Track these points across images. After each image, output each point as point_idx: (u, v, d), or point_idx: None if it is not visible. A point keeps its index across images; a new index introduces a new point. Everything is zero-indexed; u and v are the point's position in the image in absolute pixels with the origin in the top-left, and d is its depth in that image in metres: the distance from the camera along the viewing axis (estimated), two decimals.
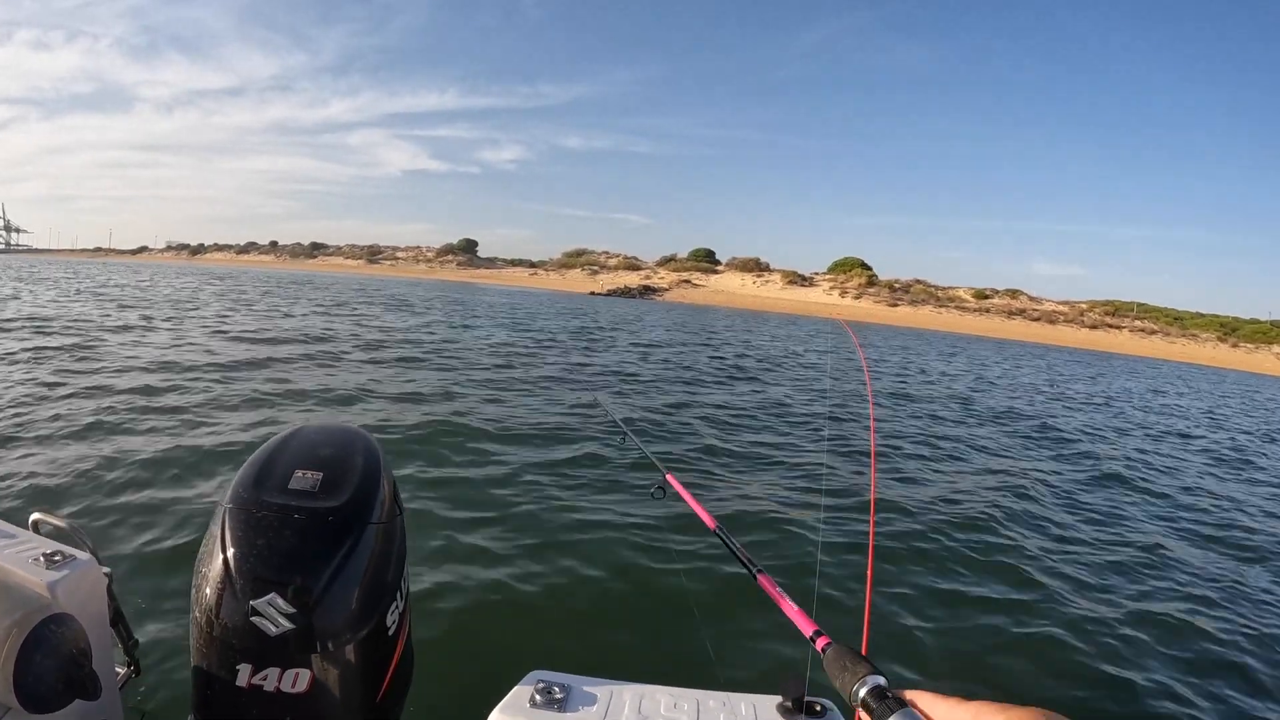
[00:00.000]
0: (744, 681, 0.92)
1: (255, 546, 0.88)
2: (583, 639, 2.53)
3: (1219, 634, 3.08)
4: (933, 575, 3.33)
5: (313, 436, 1.05)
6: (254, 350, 8.45)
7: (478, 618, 2.53)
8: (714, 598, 2.79)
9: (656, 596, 2.84)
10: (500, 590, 2.76)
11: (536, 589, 2.82)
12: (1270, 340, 45.56)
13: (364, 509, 0.94)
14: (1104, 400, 13.26)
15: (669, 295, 53.36)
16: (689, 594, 2.78)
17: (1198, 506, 5.46)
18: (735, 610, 2.62)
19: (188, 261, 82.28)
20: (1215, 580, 3.76)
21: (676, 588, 2.84)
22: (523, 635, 2.50)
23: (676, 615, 2.67)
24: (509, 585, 2.81)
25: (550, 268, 73.54)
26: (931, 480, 5.21)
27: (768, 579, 1.00)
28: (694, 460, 5.05)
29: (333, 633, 0.89)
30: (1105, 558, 3.92)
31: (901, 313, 50.69)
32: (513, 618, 2.60)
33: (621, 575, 2.99)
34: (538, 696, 0.81)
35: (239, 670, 0.87)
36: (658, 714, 0.82)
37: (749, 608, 2.58)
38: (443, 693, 1.78)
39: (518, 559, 3.05)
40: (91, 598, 1.06)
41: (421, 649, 1.10)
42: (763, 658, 2.37)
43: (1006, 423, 8.46)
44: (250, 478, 0.94)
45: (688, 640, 2.50)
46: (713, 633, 2.53)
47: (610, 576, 2.98)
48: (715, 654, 2.23)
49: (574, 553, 3.15)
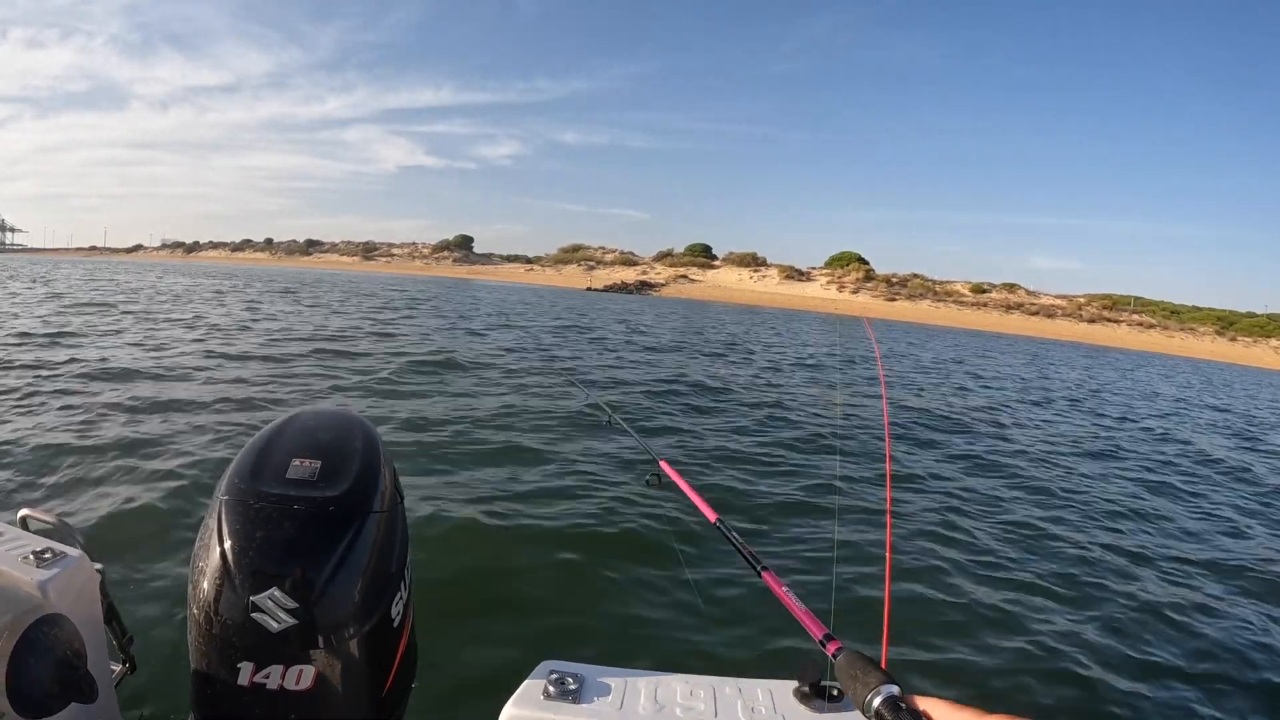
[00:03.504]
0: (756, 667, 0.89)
1: (254, 539, 0.85)
2: (594, 626, 2.51)
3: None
4: (954, 579, 3.28)
5: (309, 423, 1.02)
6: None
7: (485, 607, 2.52)
8: (721, 584, 2.76)
9: (665, 582, 2.82)
10: (504, 579, 2.75)
11: (544, 577, 2.80)
12: (1268, 334, 45.66)
13: (365, 498, 0.92)
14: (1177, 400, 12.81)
15: (666, 291, 53.38)
16: (695, 581, 2.76)
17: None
18: (742, 601, 2.60)
19: (183, 260, 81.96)
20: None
21: (681, 571, 2.83)
22: (531, 624, 2.48)
23: (687, 601, 2.65)
24: (513, 573, 2.80)
25: (546, 263, 73.45)
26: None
27: (773, 576, 0.96)
28: (707, 461, 5.02)
29: (336, 627, 0.86)
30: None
31: (900, 307, 50.73)
32: (518, 605, 2.58)
33: (629, 561, 2.98)
34: (551, 688, 0.79)
35: (240, 669, 0.85)
36: (673, 702, 0.80)
37: (754, 599, 2.55)
38: (452, 685, 1.75)
39: (518, 544, 3.04)
40: (84, 596, 1.03)
41: (427, 640, 1.07)
42: (774, 644, 2.34)
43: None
44: (246, 467, 0.91)
45: (699, 627, 2.48)
46: (721, 618, 2.51)
47: (617, 563, 2.96)
48: (722, 640, 2.19)
49: (580, 540, 3.14)
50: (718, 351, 13.07)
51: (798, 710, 0.80)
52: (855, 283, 56.63)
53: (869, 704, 0.66)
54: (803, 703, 0.81)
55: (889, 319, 42.88)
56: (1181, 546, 4.16)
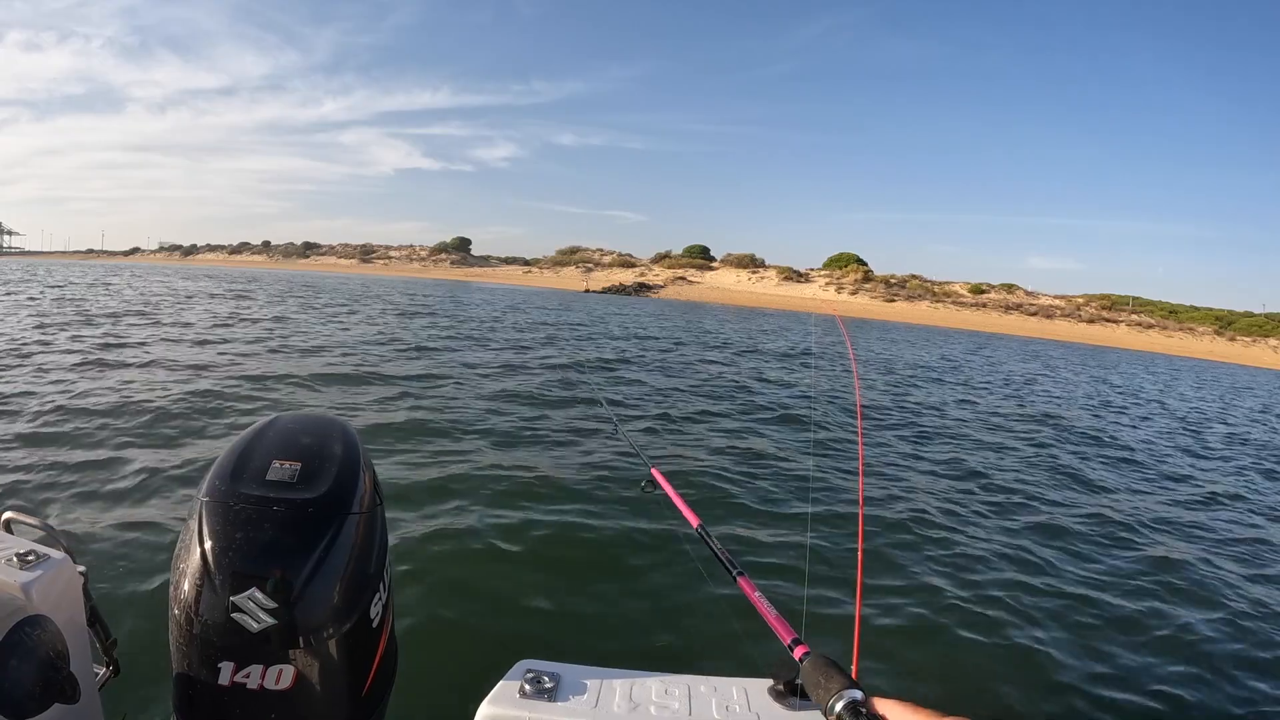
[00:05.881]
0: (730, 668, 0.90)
1: (234, 540, 0.85)
2: (571, 627, 2.52)
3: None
4: (925, 578, 3.30)
5: (289, 426, 1.02)
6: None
7: (463, 608, 2.53)
8: (701, 588, 2.77)
9: (644, 584, 2.83)
10: (485, 580, 2.75)
11: (523, 578, 2.81)
12: (1266, 333, 45.69)
13: (344, 499, 0.92)
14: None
15: (664, 292, 53.36)
16: (678, 584, 2.77)
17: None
18: (720, 602, 2.61)
19: (181, 263, 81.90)
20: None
21: (665, 575, 2.83)
22: (509, 625, 2.48)
23: (664, 604, 2.66)
24: (495, 575, 2.81)
25: (544, 265, 73.47)
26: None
27: (748, 582, 0.97)
28: (689, 463, 5.03)
29: (315, 627, 0.87)
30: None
31: (899, 308, 50.74)
32: (499, 607, 2.59)
33: (609, 563, 2.99)
34: (527, 686, 0.79)
35: (221, 668, 0.85)
36: (649, 701, 0.80)
37: (730, 603, 2.56)
38: (429, 685, 1.76)
39: (502, 548, 3.04)
40: (67, 597, 1.03)
41: (406, 641, 1.08)
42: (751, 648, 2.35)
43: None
44: (226, 469, 0.92)
45: (676, 629, 2.49)
46: (698, 621, 2.51)
47: (598, 564, 2.98)
48: (700, 642, 2.19)
49: (560, 540, 3.16)
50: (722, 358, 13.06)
51: (772, 708, 0.81)
52: (854, 284, 56.65)
53: (831, 708, 0.67)
54: (777, 701, 0.81)
55: (888, 320, 42.87)
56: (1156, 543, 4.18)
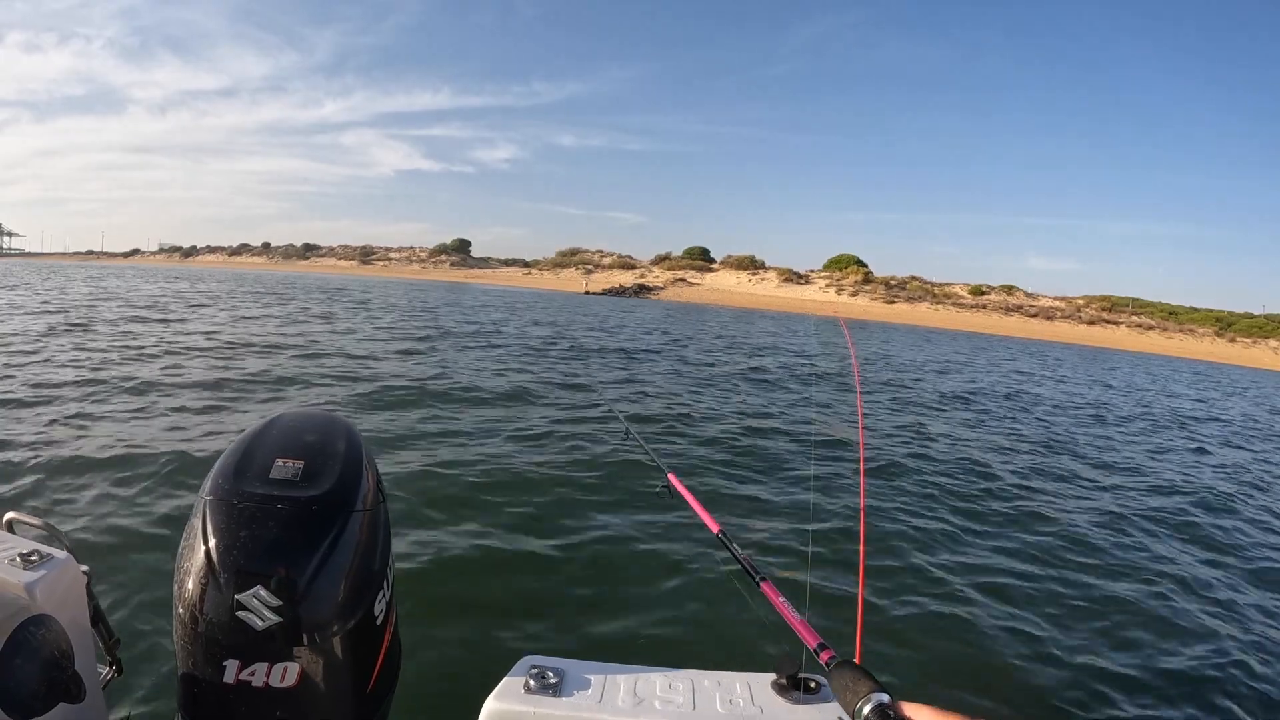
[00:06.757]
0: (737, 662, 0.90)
1: (238, 538, 0.86)
2: (576, 623, 2.52)
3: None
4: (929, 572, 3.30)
5: (293, 424, 1.02)
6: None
7: (467, 604, 2.53)
8: (710, 584, 2.77)
9: (651, 580, 2.83)
10: (490, 577, 2.76)
11: (528, 576, 2.81)
12: (1266, 334, 45.68)
13: (348, 497, 0.92)
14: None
15: (664, 294, 53.35)
16: (691, 586, 2.76)
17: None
18: (730, 599, 2.61)
19: (181, 264, 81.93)
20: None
21: (671, 572, 2.82)
22: (514, 621, 2.49)
23: (670, 598, 2.66)
24: (500, 572, 2.81)
25: (544, 267, 73.50)
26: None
27: (771, 587, 0.98)
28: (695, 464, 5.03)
29: (320, 624, 0.87)
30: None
31: (899, 310, 50.73)
32: (503, 604, 2.60)
33: (616, 560, 2.99)
34: (532, 682, 0.80)
35: (225, 666, 0.85)
36: (653, 695, 0.81)
37: (745, 606, 2.56)
38: (434, 681, 1.76)
39: (507, 547, 3.04)
40: (70, 597, 1.04)
41: (410, 638, 1.08)
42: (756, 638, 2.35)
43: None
44: (230, 468, 0.92)
45: (681, 623, 2.49)
46: (707, 616, 2.51)
47: (604, 561, 2.97)
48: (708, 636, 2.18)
49: (566, 538, 3.16)
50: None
51: (775, 702, 0.81)
52: (854, 285, 56.65)
53: (859, 711, 0.68)
54: (780, 695, 0.82)
55: (888, 321, 42.86)
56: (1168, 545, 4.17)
